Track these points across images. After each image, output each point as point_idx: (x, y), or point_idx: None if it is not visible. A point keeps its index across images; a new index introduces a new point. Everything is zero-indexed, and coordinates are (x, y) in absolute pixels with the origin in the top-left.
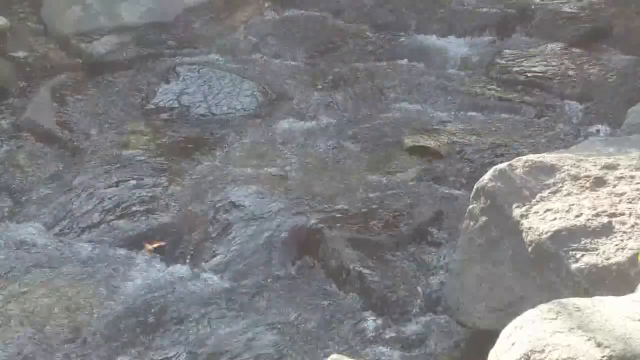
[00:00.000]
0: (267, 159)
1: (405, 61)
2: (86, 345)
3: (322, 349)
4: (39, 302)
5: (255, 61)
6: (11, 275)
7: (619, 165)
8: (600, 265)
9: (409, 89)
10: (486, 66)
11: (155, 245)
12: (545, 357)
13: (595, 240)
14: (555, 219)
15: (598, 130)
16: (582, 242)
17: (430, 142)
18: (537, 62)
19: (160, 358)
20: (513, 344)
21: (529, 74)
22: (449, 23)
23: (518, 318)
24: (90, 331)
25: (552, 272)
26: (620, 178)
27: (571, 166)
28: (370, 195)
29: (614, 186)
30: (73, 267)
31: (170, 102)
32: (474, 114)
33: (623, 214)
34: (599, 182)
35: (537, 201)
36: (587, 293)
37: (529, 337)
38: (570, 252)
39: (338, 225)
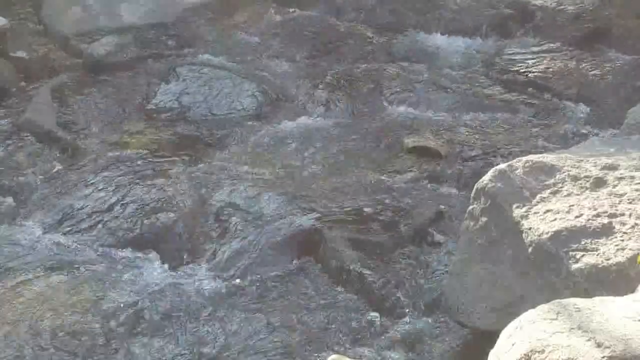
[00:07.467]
0: (267, 159)
1: (405, 61)
2: (86, 344)
3: (322, 348)
4: (38, 301)
5: (256, 61)
6: (11, 275)
7: (619, 165)
8: (600, 266)
9: (409, 89)
10: (486, 66)
11: None
12: (545, 358)
13: (596, 240)
14: (555, 219)
15: (598, 131)
16: (582, 242)
17: (430, 143)
18: (537, 62)
19: (160, 357)
20: (513, 345)
21: (529, 74)
22: (449, 23)
23: (518, 318)
24: (90, 331)
25: (552, 272)
26: (621, 178)
27: (571, 167)
28: (371, 195)
29: (614, 187)
30: (73, 267)
31: (171, 102)
32: (473, 114)
33: (623, 215)
34: (599, 183)
35: (538, 202)
36: (587, 293)
37: (529, 338)
38: (571, 253)
39: (338, 225)
